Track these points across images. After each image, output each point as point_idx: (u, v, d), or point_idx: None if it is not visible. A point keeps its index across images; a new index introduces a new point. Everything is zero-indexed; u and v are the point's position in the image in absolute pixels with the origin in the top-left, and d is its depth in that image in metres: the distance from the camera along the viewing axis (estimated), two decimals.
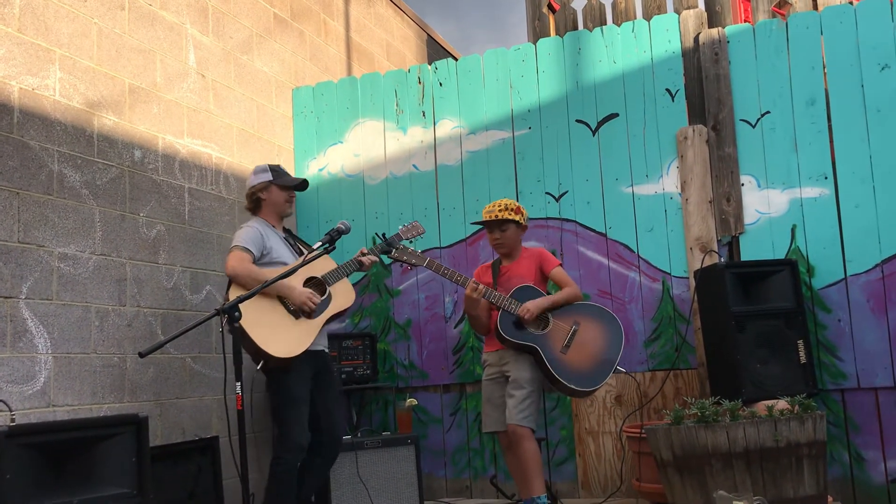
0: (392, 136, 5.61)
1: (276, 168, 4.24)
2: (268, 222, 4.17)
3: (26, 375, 3.63)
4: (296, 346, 3.85)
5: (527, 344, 3.93)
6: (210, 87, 5.05)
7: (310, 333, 3.92)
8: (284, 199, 4.22)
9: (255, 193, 4.19)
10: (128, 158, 4.35)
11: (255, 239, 4.01)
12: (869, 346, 4.39)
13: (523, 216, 4.19)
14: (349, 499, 4.23)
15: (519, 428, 3.83)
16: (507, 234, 4.12)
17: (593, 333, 4.01)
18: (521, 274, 4.12)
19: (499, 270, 4.18)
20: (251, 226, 4.10)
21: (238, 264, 3.89)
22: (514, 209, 4.13)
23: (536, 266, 4.14)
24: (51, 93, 3.92)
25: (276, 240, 4.12)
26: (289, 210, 4.28)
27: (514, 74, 5.34)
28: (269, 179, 4.17)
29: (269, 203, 4.19)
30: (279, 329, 3.83)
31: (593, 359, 3.96)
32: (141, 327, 4.29)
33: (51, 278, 3.81)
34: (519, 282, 4.06)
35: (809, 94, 4.67)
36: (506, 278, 4.13)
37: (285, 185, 4.21)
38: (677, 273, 4.84)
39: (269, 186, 4.17)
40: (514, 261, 4.20)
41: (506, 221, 4.10)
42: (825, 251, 4.54)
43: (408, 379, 5.36)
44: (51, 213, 3.85)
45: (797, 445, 3.50)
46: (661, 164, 4.94)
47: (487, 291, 3.96)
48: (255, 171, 4.24)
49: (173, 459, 4.11)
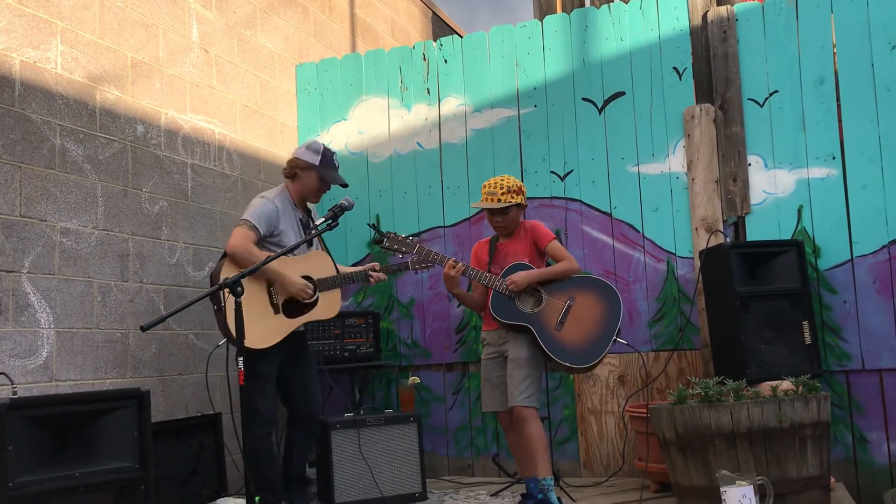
0: (396, 113, 5.56)
1: (330, 157, 4.08)
2: (291, 199, 4.05)
3: (28, 350, 3.63)
4: (267, 339, 3.80)
5: (520, 324, 3.86)
6: (213, 63, 5.00)
7: (283, 331, 3.86)
8: (318, 188, 4.07)
9: (296, 167, 4.05)
10: (130, 133, 4.32)
11: (268, 217, 3.89)
12: (874, 328, 4.37)
13: (523, 195, 4.04)
14: (351, 476, 4.23)
15: (523, 409, 3.77)
16: (510, 217, 4.01)
17: (590, 308, 3.89)
18: (516, 251, 4.03)
19: (495, 248, 4.10)
20: (271, 200, 3.96)
21: (240, 244, 3.77)
22: (516, 190, 3.98)
23: (531, 242, 4.02)
24: (52, 66, 3.89)
25: (289, 222, 3.99)
26: (315, 200, 4.15)
27: (520, 52, 5.28)
28: (314, 163, 4.01)
29: (302, 182, 4.05)
30: (257, 319, 3.75)
31: (589, 334, 3.85)
32: (143, 303, 4.28)
33: (53, 253, 3.80)
34: (514, 259, 3.98)
35: (818, 74, 4.62)
36: (502, 255, 4.05)
37: (326, 178, 4.06)
38: (682, 253, 4.81)
39: (311, 169, 4.02)
40: (510, 238, 4.09)
41: (509, 206, 3.97)
42: (832, 232, 4.51)
43: (411, 357, 5.35)
44: (53, 187, 3.83)
45: (801, 426, 3.48)
46: (668, 143, 4.89)
47: (467, 269, 3.88)
48: (308, 146, 4.08)
49: (176, 436, 4.11)
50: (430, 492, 4.48)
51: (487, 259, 4.07)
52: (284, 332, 3.87)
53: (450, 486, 4.80)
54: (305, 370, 4.10)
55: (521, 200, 4.01)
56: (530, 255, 4.01)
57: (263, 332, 3.79)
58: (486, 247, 4.15)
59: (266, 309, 3.85)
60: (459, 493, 4.53)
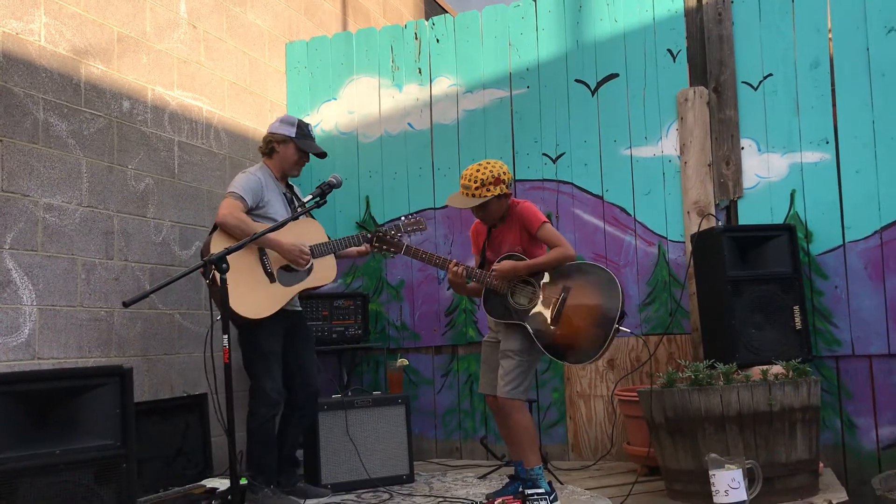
0: (387, 93, 5.50)
1: (305, 127, 4.07)
2: (272, 174, 4.03)
3: (10, 327, 3.57)
4: (264, 308, 3.76)
5: (514, 323, 3.66)
6: (201, 39, 4.92)
7: (280, 299, 3.83)
8: (296, 160, 4.05)
9: (272, 142, 4.03)
10: (116, 109, 4.24)
11: (253, 188, 3.87)
12: (865, 314, 4.35)
13: (504, 183, 3.64)
14: (339, 458, 4.19)
15: (507, 401, 3.62)
16: (490, 211, 3.70)
17: (586, 298, 3.58)
18: (509, 239, 3.76)
19: (491, 233, 3.88)
20: (253, 173, 3.95)
21: (229, 212, 3.75)
22: (492, 181, 3.60)
23: (521, 228, 3.73)
24: (35, 38, 3.81)
25: (274, 194, 3.98)
26: (296, 173, 4.11)
27: (513, 32, 5.22)
28: (290, 135, 4.00)
29: (280, 157, 4.03)
30: (252, 289, 3.73)
31: (587, 328, 3.55)
32: (128, 281, 4.22)
33: (35, 229, 3.73)
34: (507, 248, 3.75)
35: (813, 57, 4.58)
36: (496, 243, 3.83)
37: (303, 148, 4.04)
38: (674, 237, 4.78)
39: (287, 141, 4.01)
40: (503, 223, 3.80)
41: (486, 202, 3.64)
42: (824, 217, 4.48)
43: (399, 340, 5.31)
44: (36, 162, 3.75)
45: (791, 410, 3.47)
46: (661, 126, 4.85)
47: (469, 271, 3.68)
48: (282, 120, 4.07)
49: (161, 416, 4.07)
50: (418, 474, 4.45)
51: (482, 244, 3.88)
52: (282, 301, 3.83)
53: (437, 469, 4.77)
54: (304, 350, 4.07)
55: (500, 191, 3.64)
56: (522, 241, 3.75)
57: (259, 302, 3.75)
58: (484, 230, 3.91)
59: (260, 278, 3.81)
60: (447, 476, 4.51)
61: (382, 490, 4.11)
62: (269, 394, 3.83)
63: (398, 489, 4.14)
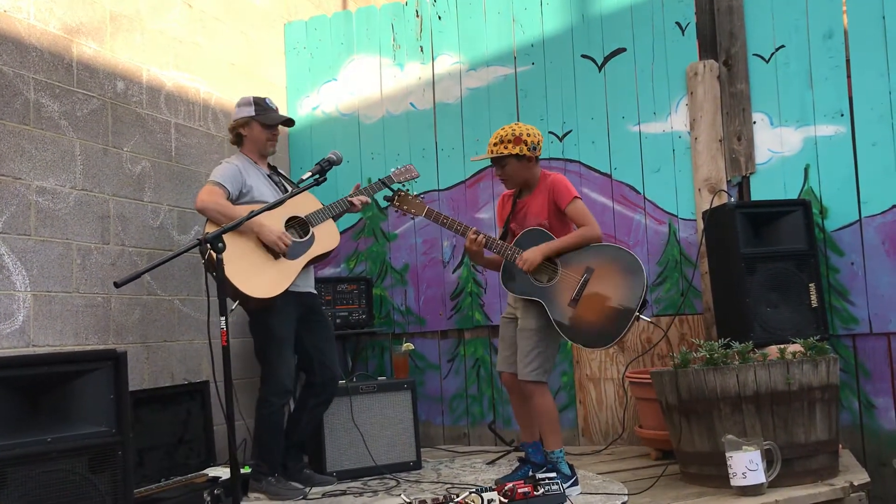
0: (389, 72, 5.37)
1: (262, 102, 3.96)
2: (250, 159, 3.95)
3: (4, 313, 3.47)
4: (274, 286, 3.67)
5: (531, 299, 3.56)
6: (197, 18, 4.80)
7: (289, 275, 3.74)
8: (266, 136, 3.96)
9: (237, 128, 3.96)
10: (110, 89, 4.13)
11: (232, 176, 3.79)
12: (883, 291, 4.23)
13: (526, 144, 3.55)
14: (344, 445, 4.09)
15: (528, 384, 3.52)
16: (508, 171, 3.64)
17: (608, 281, 3.44)
18: (535, 211, 3.64)
19: (516, 204, 3.75)
20: (229, 162, 3.88)
21: (207, 197, 3.68)
22: (512, 139, 3.55)
23: (549, 201, 3.61)
24: (24, 15, 3.69)
25: (257, 178, 3.89)
26: (271, 149, 4.01)
27: (516, 7, 5.08)
28: (250, 115, 3.92)
29: (250, 140, 3.96)
30: (257, 269, 3.66)
31: (606, 311, 3.42)
32: (126, 267, 4.11)
33: (28, 213, 3.63)
34: (533, 220, 3.63)
35: (827, 27, 4.44)
36: (521, 214, 3.70)
37: (267, 122, 3.95)
38: (684, 215, 4.66)
39: (250, 122, 3.93)
40: (531, 193, 3.68)
41: (503, 157, 3.60)
42: (839, 191, 4.35)
43: (404, 325, 5.21)
44: (27, 143, 3.64)
45: (810, 389, 3.35)
46: (670, 101, 4.72)
47: (489, 241, 3.58)
48: (239, 104, 3.99)
49: (162, 404, 3.96)
50: (425, 461, 4.35)
51: (507, 215, 3.75)
52: (292, 275, 3.74)
53: (445, 455, 4.67)
54: (321, 334, 3.98)
55: (519, 151, 3.55)
56: (549, 213, 3.61)
57: (268, 280, 3.67)
58: (510, 201, 3.79)
59: (264, 257, 3.71)
60: (455, 462, 4.41)
61: (389, 477, 4.01)
62: (281, 381, 3.75)
63: (405, 476, 4.05)
